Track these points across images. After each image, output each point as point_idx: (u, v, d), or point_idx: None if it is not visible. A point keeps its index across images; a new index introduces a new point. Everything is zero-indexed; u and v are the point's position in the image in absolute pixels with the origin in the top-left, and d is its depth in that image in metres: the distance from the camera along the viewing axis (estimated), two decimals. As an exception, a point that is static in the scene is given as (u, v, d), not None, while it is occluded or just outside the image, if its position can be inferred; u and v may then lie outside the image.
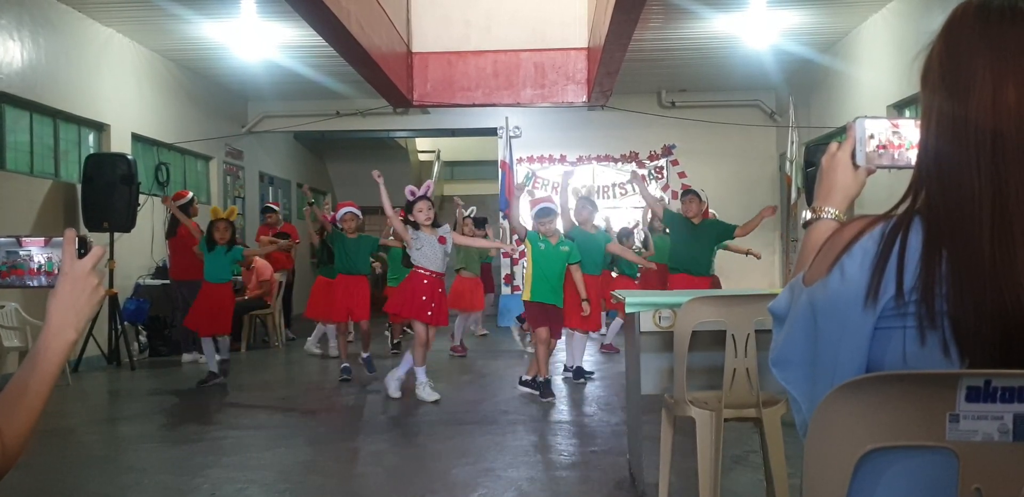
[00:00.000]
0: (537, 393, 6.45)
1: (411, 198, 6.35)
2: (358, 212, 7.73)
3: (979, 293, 1.05)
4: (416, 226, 6.31)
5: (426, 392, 6.38)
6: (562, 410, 6.08)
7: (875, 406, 1.05)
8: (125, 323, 8.59)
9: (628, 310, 3.69)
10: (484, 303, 9.98)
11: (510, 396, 6.62)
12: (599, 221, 8.16)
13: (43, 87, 7.94)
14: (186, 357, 8.84)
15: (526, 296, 6.63)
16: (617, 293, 4.14)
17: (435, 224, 6.37)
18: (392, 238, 8.05)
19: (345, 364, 7.54)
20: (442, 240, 6.35)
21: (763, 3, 8.21)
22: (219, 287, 7.35)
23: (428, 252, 6.30)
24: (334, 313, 7.66)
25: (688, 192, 7.34)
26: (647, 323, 3.60)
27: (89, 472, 4.53)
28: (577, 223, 7.20)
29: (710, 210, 7.98)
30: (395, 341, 9.67)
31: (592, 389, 6.99)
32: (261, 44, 9.18)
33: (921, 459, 1.05)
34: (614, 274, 9.02)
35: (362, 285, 7.63)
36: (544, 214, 6.58)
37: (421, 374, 6.42)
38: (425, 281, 6.32)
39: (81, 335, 1.35)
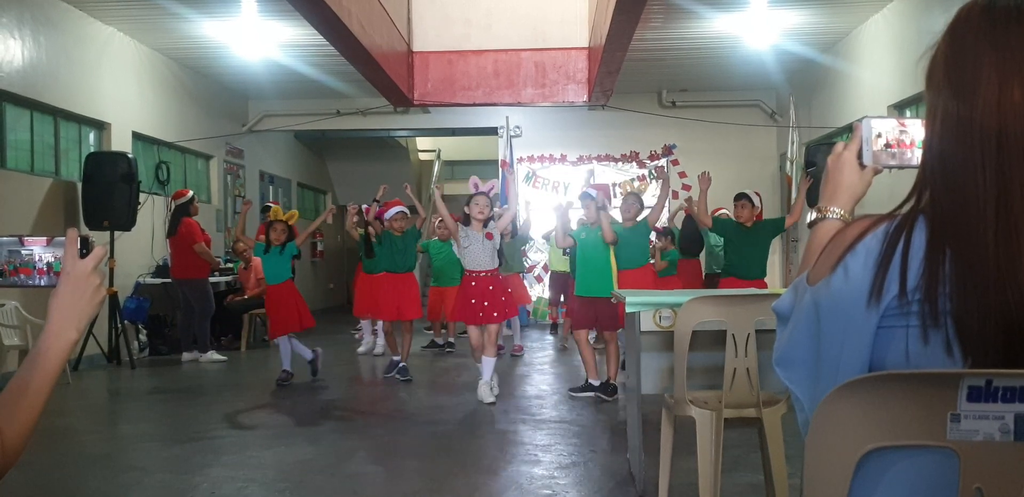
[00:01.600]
0: (596, 395, 6.39)
1: (474, 190, 6.36)
2: (408, 211, 7.67)
3: (983, 293, 1.05)
4: (468, 221, 6.31)
5: (484, 392, 6.32)
6: (562, 410, 6.08)
7: (876, 405, 1.05)
8: (125, 322, 8.60)
9: (628, 310, 3.70)
10: (525, 298, 9.70)
11: (510, 396, 6.62)
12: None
13: (44, 85, 7.94)
14: (186, 356, 8.85)
15: (575, 291, 6.63)
16: (618, 293, 4.14)
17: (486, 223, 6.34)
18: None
19: (397, 358, 7.49)
20: (489, 236, 6.31)
21: (764, 3, 8.21)
22: (280, 287, 7.26)
23: (474, 250, 6.29)
24: (383, 312, 7.60)
25: (741, 196, 7.13)
26: (647, 323, 3.60)
27: (89, 471, 4.53)
28: (622, 220, 7.10)
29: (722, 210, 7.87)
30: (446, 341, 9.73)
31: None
32: (262, 43, 9.18)
33: (922, 459, 1.05)
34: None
35: (411, 282, 7.58)
36: (583, 198, 6.64)
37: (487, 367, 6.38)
38: (473, 283, 6.31)
39: (82, 335, 1.35)
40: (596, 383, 6.42)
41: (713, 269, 9.15)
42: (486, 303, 6.25)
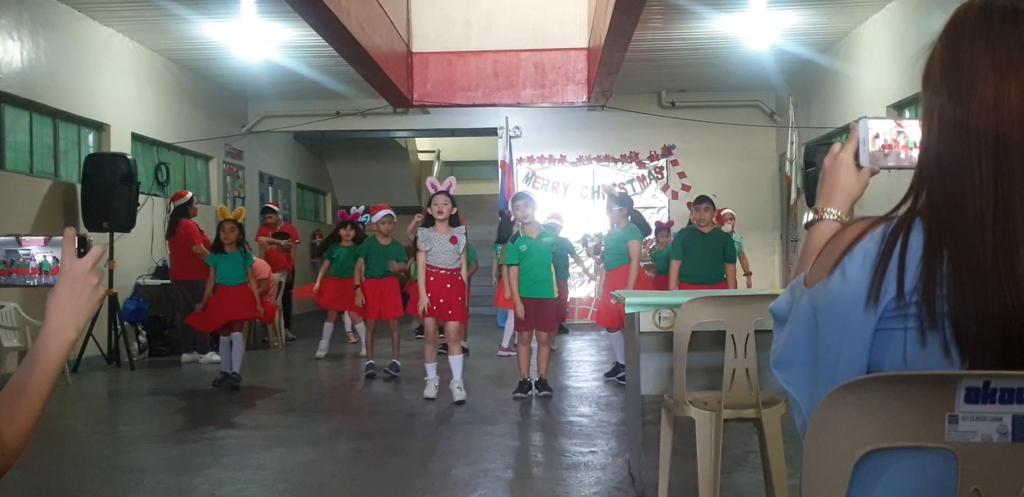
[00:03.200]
0: (526, 393, 6.47)
1: (432, 191, 6.36)
2: (393, 215, 7.78)
3: (980, 294, 1.05)
4: (431, 222, 6.31)
5: (429, 389, 6.44)
6: (562, 410, 6.08)
7: (874, 407, 1.05)
8: (125, 323, 8.59)
9: (628, 310, 3.69)
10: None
11: (510, 396, 6.62)
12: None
13: (43, 87, 7.94)
14: (186, 357, 8.84)
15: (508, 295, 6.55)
16: (617, 293, 4.14)
17: (453, 223, 6.32)
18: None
19: (371, 361, 7.70)
20: (453, 240, 6.28)
21: (763, 3, 8.21)
22: (234, 288, 7.15)
23: (437, 251, 6.28)
24: (368, 312, 7.76)
25: (702, 199, 7.16)
26: (647, 323, 3.60)
27: (88, 472, 4.53)
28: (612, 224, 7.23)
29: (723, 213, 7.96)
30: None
31: (592, 389, 6.99)
32: (261, 44, 9.18)
33: (920, 460, 1.05)
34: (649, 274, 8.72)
35: (392, 285, 7.71)
36: (519, 198, 6.61)
37: (431, 370, 6.46)
38: (431, 278, 6.31)
39: (81, 335, 1.35)
40: (531, 380, 6.53)
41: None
42: (442, 300, 6.28)
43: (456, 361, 6.38)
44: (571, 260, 9.01)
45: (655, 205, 12.79)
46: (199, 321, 7.32)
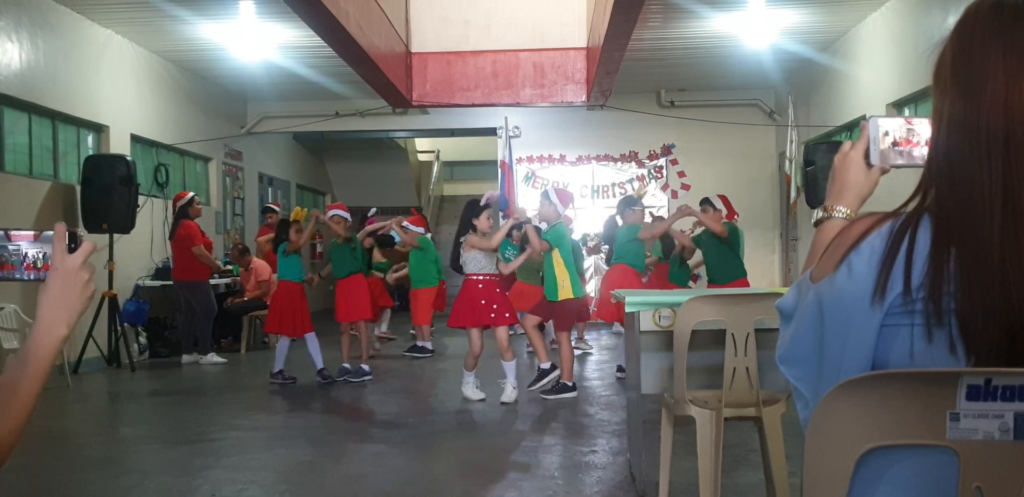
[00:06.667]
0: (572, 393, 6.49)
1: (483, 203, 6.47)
2: (345, 215, 7.80)
3: (987, 291, 1.04)
4: (473, 229, 6.34)
5: (471, 390, 6.44)
6: (562, 410, 6.07)
7: (875, 404, 1.04)
8: (125, 324, 8.58)
9: (628, 309, 3.69)
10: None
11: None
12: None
13: (42, 88, 7.93)
14: (186, 358, 8.84)
15: (568, 294, 6.50)
16: (617, 292, 4.13)
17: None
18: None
19: (344, 365, 7.66)
20: None
21: (762, 2, 8.20)
22: (296, 286, 7.53)
23: (480, 256, 6.34)
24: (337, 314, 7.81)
25: (703, 201, 7.47)
26: (647, 322, 3.59)
27: (89, 474, 4.52)
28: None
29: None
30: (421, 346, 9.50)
31: (592, 389, 6.98)
32: (260, 45, 9.17)
33: (922, 458, 1.05)
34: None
35: (359, 285, 7.78)
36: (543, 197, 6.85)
37: (470, 376, 6.48)
38: (480, 286, 6.35)
39: (72, 331, 1.33)
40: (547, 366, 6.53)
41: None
42: (495, 305, 6.32)
43: (510, 366, 6.45)
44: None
45: (655, 204, 12.78)
46: (276, 327, 7.63)
